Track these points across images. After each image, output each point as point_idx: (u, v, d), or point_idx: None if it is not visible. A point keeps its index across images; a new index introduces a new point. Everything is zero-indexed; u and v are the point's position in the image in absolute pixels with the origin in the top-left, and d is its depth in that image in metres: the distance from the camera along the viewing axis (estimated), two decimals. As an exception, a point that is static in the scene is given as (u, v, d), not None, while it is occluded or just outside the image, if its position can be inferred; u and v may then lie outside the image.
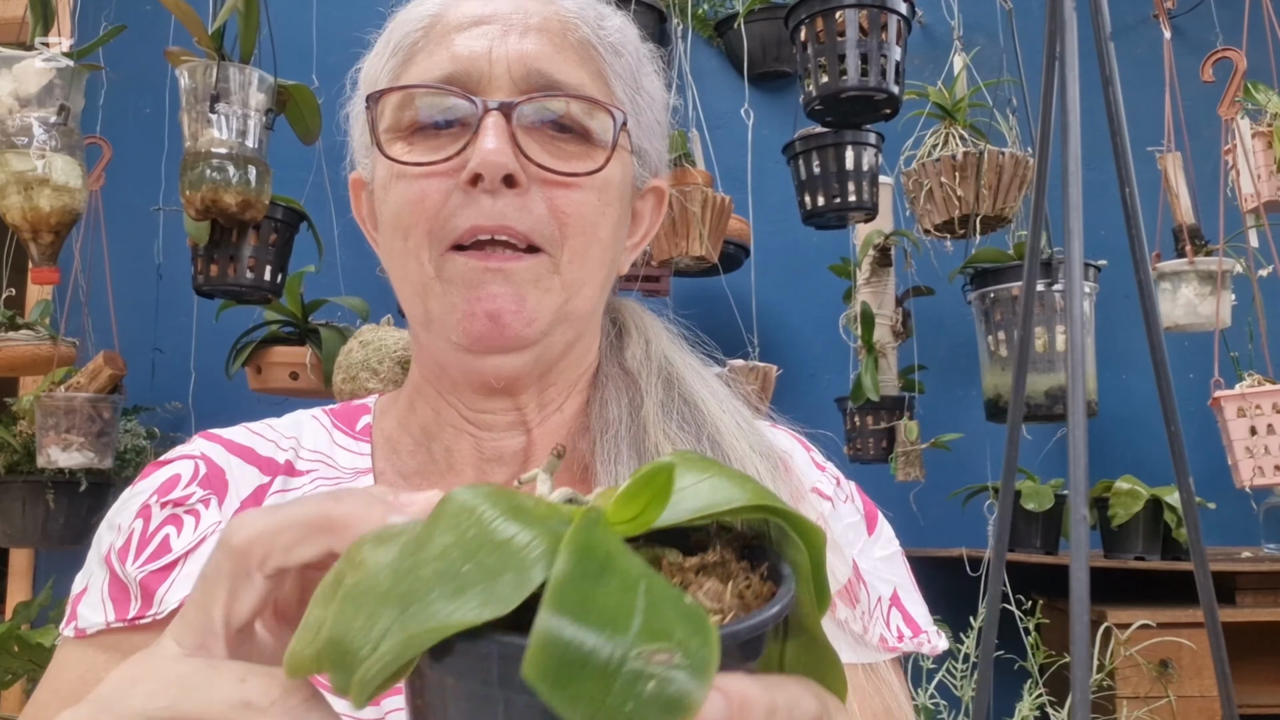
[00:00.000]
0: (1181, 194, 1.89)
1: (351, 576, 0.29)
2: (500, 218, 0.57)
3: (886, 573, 0.66)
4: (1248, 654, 1.96)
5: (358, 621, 0.27)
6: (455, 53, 0.60)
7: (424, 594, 0.26)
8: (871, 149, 1.78)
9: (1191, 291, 1.85)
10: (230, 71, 1.54)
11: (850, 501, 0.68)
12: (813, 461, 0.69)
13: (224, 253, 1.73)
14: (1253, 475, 1.55)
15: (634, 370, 0.67)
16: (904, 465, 2.01)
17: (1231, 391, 1.58)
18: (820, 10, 1.59)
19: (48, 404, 1.88)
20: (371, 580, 0.28)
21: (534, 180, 0.58)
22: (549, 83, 0.59)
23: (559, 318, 0.60)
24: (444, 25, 0.62)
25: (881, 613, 0.63)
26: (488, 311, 0.57)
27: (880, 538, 0.68)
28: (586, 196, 0.60)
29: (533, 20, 0.61)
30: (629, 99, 0.64)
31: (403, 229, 0.60)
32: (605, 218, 0.61)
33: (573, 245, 0.59)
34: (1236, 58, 1.64)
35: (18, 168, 1.53)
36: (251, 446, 0.67)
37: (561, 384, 0.66)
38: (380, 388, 1.72)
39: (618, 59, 0.64)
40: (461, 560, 0.26)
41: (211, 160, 1.53)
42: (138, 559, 0.60)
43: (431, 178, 0.59)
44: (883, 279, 2.16)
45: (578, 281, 0.60)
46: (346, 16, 2.49)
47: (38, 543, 2.17)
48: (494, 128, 0.57)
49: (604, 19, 0.64)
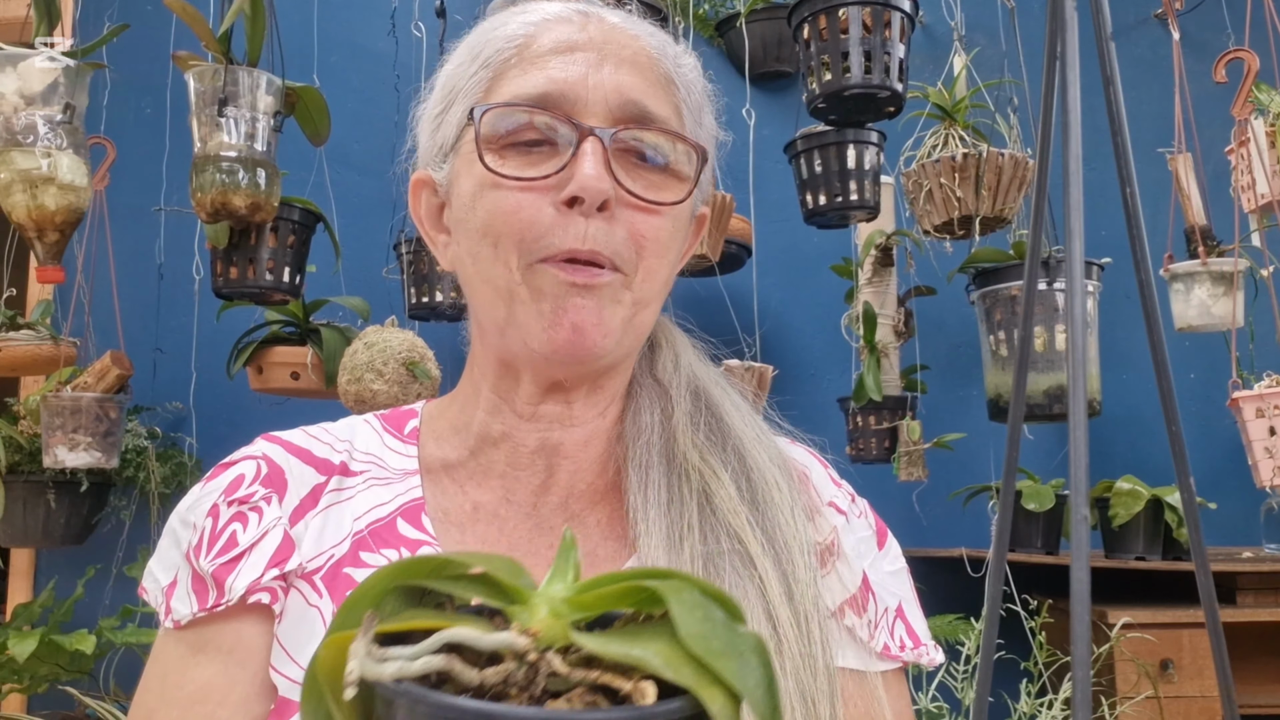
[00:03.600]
0: (1193, 195, 1.89)
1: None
2: (592, 242, 0.61)
3: (894, 586, 0.70)
4: (1248, 654, 1.96)
5: None
6: (552, 75, 0.63)
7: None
8: (873, 148, 1.78)
9: (1205, 292, 1.85)
10: (239, 75, 1.55)
11: (864, 518, 0.73)
12: (830, 478, 0.74)
13: (243, 255, 1.74)
14: (1273, 475, 1.54)
15: (665, 381, 0.71)
16: (907, 465, 2.01)
17: (1250, 392, 1.58)
18: (823, 8, 1.59)
19: (54, 404, 1.88)
20: None
21: (620, 204, 0.63)
22: (643, 114, 0.64)
23: (626, 330, 0.65)
24: (538, 46, 0.65)
25: (887, 623, 0.67)
26: (573, 323, 0.62)
27: (889, 553, 0.73)
28: (664, 223, 0.64)
29: (625, 52, 0.65)
30: (695, 133, 0.69)
31: (493, 236, 0.63)
32: (675, 242, 0.66)
33: (646, 266, 0.64)
34: (1249, 58, 1.64)
35: (23, 166, 1.54)
36: (308, 448, 0.72)
37: (609, 389, 0.70)
38: (385, 389, 1.72)
39: (690, 95, 0.69)
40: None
41: (221, 163, 1.53)
42: (209, 554, 0.66)
43: (528, 192, 0.62)
44: (885, 279, 2.16)
45: (645, 298, 0.65)
46: (347, 17, 2.50)
47: (38, 542, 2.17)
48: (593, 153, 0.61)
49: (680, 58, 0.69)
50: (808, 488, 0.69)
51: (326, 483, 0.70)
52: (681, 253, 0.70)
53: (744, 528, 0.62)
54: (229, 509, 0.67)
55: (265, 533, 0.66)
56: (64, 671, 2.05)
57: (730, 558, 0.61)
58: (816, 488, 0.70)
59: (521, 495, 0.69)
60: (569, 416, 0.69)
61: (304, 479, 0.70)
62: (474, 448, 0.71)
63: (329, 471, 0.71)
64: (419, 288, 1.97)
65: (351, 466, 0.71)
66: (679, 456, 0.66)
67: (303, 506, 0.68)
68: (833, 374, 2.47)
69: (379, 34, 2.30)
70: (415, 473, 0.71)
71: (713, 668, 0.28)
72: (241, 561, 0.65)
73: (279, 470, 0.69)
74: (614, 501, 0.69)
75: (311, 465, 0.71)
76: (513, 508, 0.69)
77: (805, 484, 0.69)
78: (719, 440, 0.67)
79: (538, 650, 0.31)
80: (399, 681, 0.29)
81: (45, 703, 2.26)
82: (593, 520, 0.69)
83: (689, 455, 0.65)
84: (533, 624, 0.31)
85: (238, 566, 0.65)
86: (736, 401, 0.71)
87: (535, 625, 0.31)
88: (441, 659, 0.30)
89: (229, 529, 0.66)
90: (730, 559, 0.61)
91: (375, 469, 0.72)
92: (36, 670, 2.00)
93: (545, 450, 0.69)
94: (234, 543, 0.66)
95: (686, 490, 0.64)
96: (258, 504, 0.67)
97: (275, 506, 0.67)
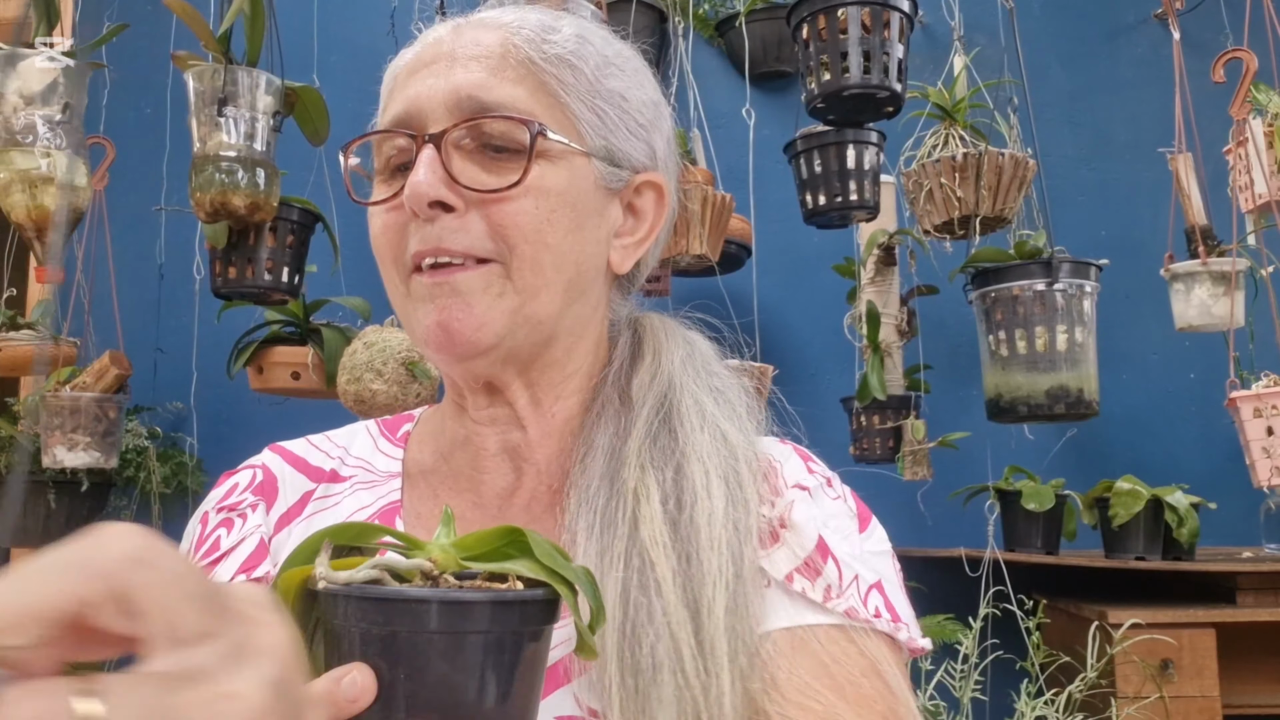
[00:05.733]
0: (1193, 195, 1.89)
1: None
2: (436, 241, 0.63)
3: (875, 563, 0.67)
4: (1248, 654, 1.96)
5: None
6: (406, 95, 0.66)
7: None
8: (873, 148, 1.78)
9: (1205, 292, 1.85)
10: (238, 75, 1.55)
11: (840, 500, 0.71)
12: (805, 467, 0.72)
13: (242, 255, 1.74)
14: (1270, 475, 1.54)
15: (635, 399, 0.70)
16: (911, 464, 2.01)
17: (1248, 392, 1.58)
18: (822, 8, 1.59)
19: (53, 404, 1.88)
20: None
21: (471, 202, 0.63)
22: (478, 106, 0.64)
23: (517, 321, 0.64)
24: (407, 69, 0.68)
25: (858, 589, 0.64)
26: (438, 322, 0.63)
27: (873, 536, 0.70)
28: (521, 207, 0.64)
29: (476, 50, 0.66)
30: (585, 105, 0.67)
31: (381, 259, 0.68)
32: (552, 224, 0.65)
33: (520, 254, 0.64)
34: (1247, 58, 1.64)
35: (22, 166, 1.54)
36: (305, 457, 0.75)
37: (545, 384, 0.70)
38: (384, 389, 1.72)
39: (567, 69, 0.67)
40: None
41: (220, 163, 1.53)
42: (197, 556, 0.69)
43: (391, 211, 0.66)
44: (887, 278, 2.16)
45: (532, 287, 0.64)
46: (348, 17, 2.49)
47: (39, 543, 2.17)
48: (425, 160, 0.63)
49: (551, 33, 0.67)
50: (773, 479, 0.68)
51: (314, 490, 0.73)
52: (590, 231, 0.67)
53: (660, 557, 0.60)
54: (217, 515, 0.71)
55: (242, 539, 0.69)
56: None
57: (642, 586, 0.60)
58: (785, 476, 0.69)
59: (489, 498, 0.70)
60: (515, 418, 0.70)
61: (295, 487, 0.73)
62: (445, 453, 0.73)
63: (319, 479, 0.73)
64: (419, 288, 1.96)
65: (341, 472, 0.74)
66: (620, 480, 0.65)
67: (289, 514, 0.71)
68: (832, 374, 2.47)
69: (379, 33, 2.29)
70: (397, 475, 0.74)
71: (559, 573, 0.44)
72: (220, 563, 0.68)
73: (273, 479, 0.73)
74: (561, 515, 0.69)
75: (304, 473, 0.74)
76: (479, 511, 0.70)
77: (768, 477, 0.68)
78: (665, 455, 0.66)
79: (439, 572, 0.45)
80: (349, 585, 0.42)
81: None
82: (548, 526, 0.68)
83: (629, 479, 0.65)
84: (434, 555, 0.45)
85: (214, 571, 0.67)
86: (708, 410, 0.69)
87: (436, 556, 0.45)
88: (376, 573, 0.43)
89: (214, 534, 0.70)
90: (642, 588, 0.60)
91: (363, 473, 0.74)
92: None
93: (507, 452, 0.71)
94: (216, 547, 0.69)
95: (620, 515, 0.63)
96: (244, 510, 0.71)
97: (260, 514, 0.70)
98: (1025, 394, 1.70)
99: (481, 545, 0.46)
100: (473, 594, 0.42)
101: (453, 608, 0.42)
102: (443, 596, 0.42)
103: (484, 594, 0.43)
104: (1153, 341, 2.49)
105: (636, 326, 0.75)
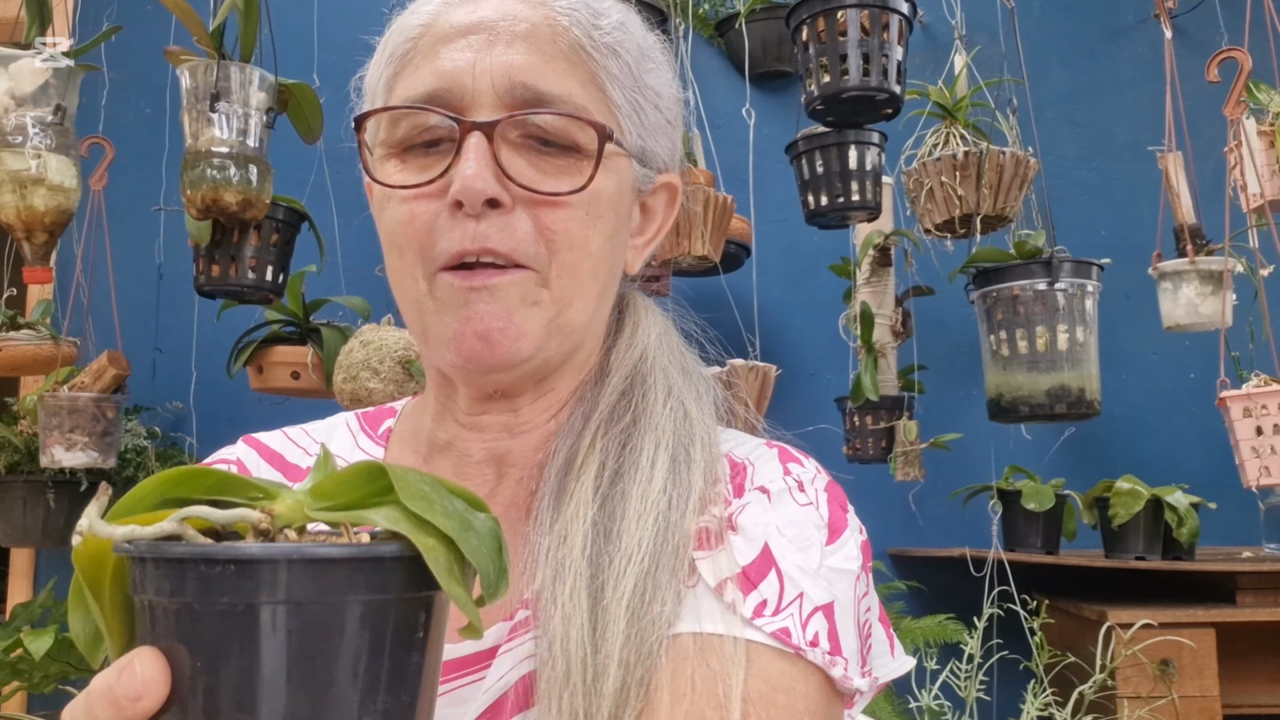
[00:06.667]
0: (1183, 193, 1.89)
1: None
2: (483, 240, 0.57)
3: (830, 581, 0.59)
4: (1248, 654, 1.96)
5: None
6: (439, 67, 0.59)
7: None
8: (874, 148, 1.78)
9: (1193, 291, 1.84)
10: (231, 70, 1.54)
11: (813, 507, 0.62)
12: (784, 468, 0.64)
13: (225, 253, 1.73)
14: (1259, 475, 1.54)
15: (611, 367, 0.66)
16: (903, 465, 2.01)
17: (1238, 391, 1.58)
18: (822, 10, 1.59)
19: (51, 404, 1.88)
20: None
21: (519, 200, 0.58)
22: (534, 97, 0.58)
23: (551, 331, 0.60)
24: (432, 36, 0.61)
25: (798, 611, 0.56)
26: (476, 332, 0.58)
27: (839, 552, 0.61)
28: (574, 214, 0.59)
29: (520, 27, 0.60)
30: (627, 100, 0.63)
31: (397, 248, 0.61)
32: (596, 231, 0.61)
33: (560, 261, 0.59)
34: (1241, 58, 1.64)
35: (13, 167, 1.53)
36: (282, 453, 0.70)
37: (559, 390, 0.66)
38: (381, 387, 1.72)
39: (614, 59, 0.62)
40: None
41: (212, 159, 1.53)
42: None
43: (420, 199, 0.59)
44: (883, 279, 2.16)
45: (568, 295, 0.60)
46: (347, 15, 2.49)
47: (38, 542, 2.17)
48: (475, 150, 0.57)
49: (599, 17, 0.62)
50: (739, 479, 0.62)
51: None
52: (620, 237, 0.64)
53: (576, 531, 0.56)
54: None
55: None
56: (73, 670, 2.05)
57: (558, 562, 0.56)
58: (753, 478, 0.62)
59: None
60: (515, 424, 0.65)
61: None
62: (425, 455, 0.69)
63: (295, 476, 0.69)
64: (418, 287, 1.96)
65: None
66: (576, 456, 0.61)
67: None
68: (831, 374, 2.47)
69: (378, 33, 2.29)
70: None
71: (431, 522, 0.33)
72: None
73: (247, 474, 0.68)
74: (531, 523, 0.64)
75: (280, 470, 0.69)
76: None
77: (739, 477, 0.62)
78: (620, 425, 0.61)
79: (275, 527, 0.34)
80: (132, 541, 0.32)
81: (47, 703, 2.25)
82: (519, 535, 0.63)
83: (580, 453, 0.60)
84: (273, 506, 0.35)
85: None
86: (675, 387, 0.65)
87: (275, 507, 0.35)
88: (174, 525, 0.32)
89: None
90: (558, 564, 0.56)
91: None
92: (48, 669, 1.99)
93: (493, 459, 0.66)
94: None
95: (566, 491, 0.59)
96: None
97: None
98: (1027, 394, 1.69)
99: (342, 492, 0.36)
100: (273, 548, 0.32)
101: (247, 569, 0.31)
102: (231, 554, 0.31)
103: (287, 548, 0.32)
104: (1153, 341, 2.49)
105: (621, 304, 0.71)
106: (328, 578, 0.32)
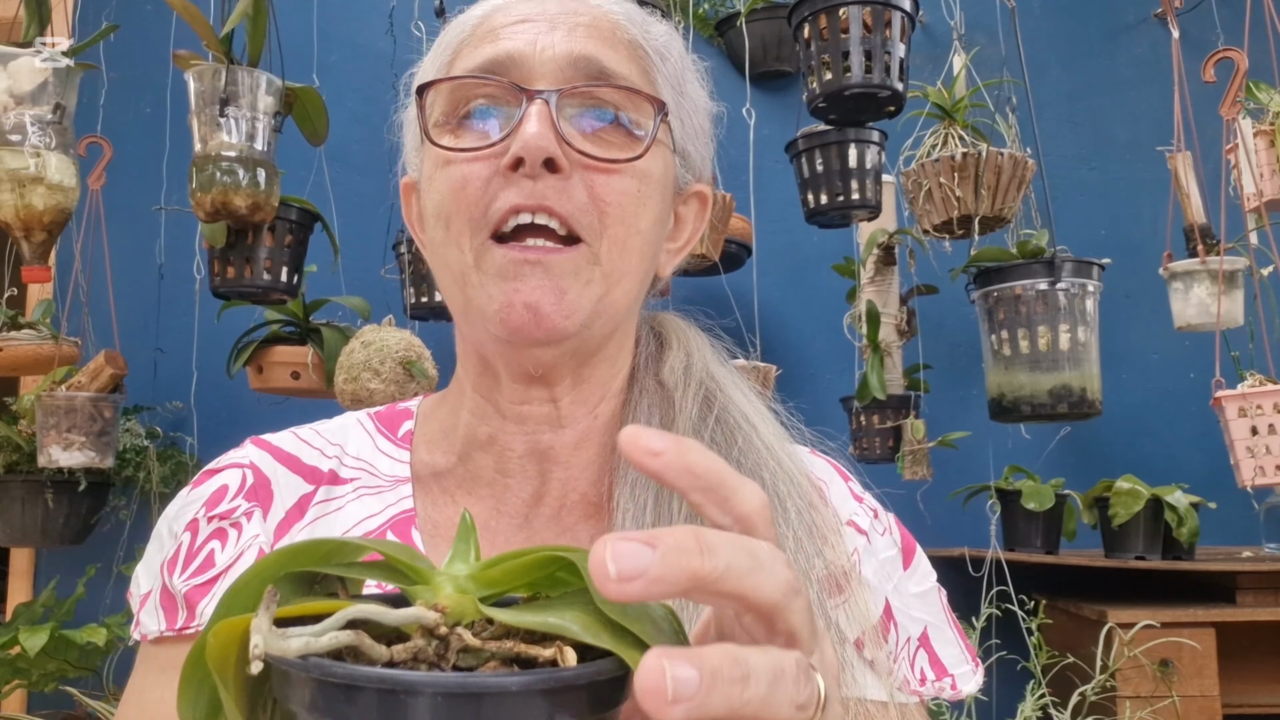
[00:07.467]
0: (1192, 193, 1.89)
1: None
2: (540, 197, 0.57)
3: (919, 610, 0.63)
4: (1248, 654, 1.96)
5: None
6: (500, 43, 0.61)
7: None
8: (875, 147, 1.78)
9: (1204, 291, 1.85)
10: (239, 75, 1.55)
11: (889, 534, 0.66)
12: (850, 492, 0.67)
13: (240, 255, 1.74)
14: (1254, 475, 1.54)
15: (670, 385, 0.66)
16: (911, 464, 2.01)
17: (1233, 391, 1.58)
18: (824, 7, 1.59)
19: (49, 403, 1.88)
20: None
21: (575, 166, 0.59)
22: (597, 70, 0.60)
23: (598, 310, 0.60)
24: (491, 23, 0.63)
25: (908, 653, 0.60)
26: (526, 303, 0.57)
27: (916, 572, 0.66)
28: (627, 184, 0.60)
29: (581, 19, 0.62)
30: (674, 100, 0.65)
31: (444, 217, 0.60)
32: (646, 208, 0.61)
33: (612, 234, 0.59)
34: (1238, 58, 1.64)
35: (11, 165, 1.54)
36: (297, 454, 0.69)
37: (595, 381, 0.66)
38: (381, 388, 1.72)
39: (664, 62, 0.64)
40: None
41: (221, 163, 1.53)
42: (184, 573, 0.63)
43: (474, 163, 0.59)
44: (887, 278, 2.16)
45: (617, 273, 0.60)
46: (346, 18, 2.49)
47: (37, 542, 2.17)
48: (537, 114, 0.57)
49: (650, 25, 0.65)
50: (825, 505, 0.62)
51: (314, 493, 0.66)
52: (663, 227, 0.65)
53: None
54: (209, 525, 0.64)
55: (241, 554, 0.63)
56: (71, 668, 2.05)
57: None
58: (834, 505, 0.63)
59: (513, 506, 0.65)
60: (557, 416, 0.64)
61: (291, 489, 0.66)
62: (462, 453, 0.67)
63: (317, 480, 0.67)
64: (418, 288, 1.97)
65: (341, 474, 0.68)
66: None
67: (288, 519, 0.65)
68: (833, 373, 2.47)
69: (378, 33, 2.29)
70: (407, 480, 0.68)
71: (631, 630, 0.29)
72: (216, 585, 0.62)
73: (265, 480, 0.66)
74: (608, 518, 0.63)
75: (299, 474, 0.67)
76: (504, 519, 0.64)
77: (823, 500, 0.62)
78: (722, 452, 0.60)
79: (447, 625, 0.30)
80: (305, 657, 0.27)
81: (46, 702, 2.25)
82: (585, 536, 0.63)
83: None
84: (439, 600, 0.30)
85: (212, 590, 0.62)
86: (758, 407, 0.65)
87: (443, 601, 0.30)
88: (349, 634, 0.28)
89: (207, 546, 0.63)
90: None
91: (366, 475, 0.68)
92: (45, 667, 1.99)
93: (535, 455, 0.65)
94: (210, 563, 0.63)
95: (677, 504, 0.58)
96: (238, 520, 0.64)
97: (257, 522, 0.64)
98: (1028, 393, 1.69)
99: (512, 578, 0.31)
100: (500, 680, 0.27)
101: (463, 703, 0.27)
102: (446, 686, 0.27)
103: (517, 678, 0.27)
104: (1153, 341, 2.49)
105: (653, 322, 0.72)
106: (552, 705, 0.27)
